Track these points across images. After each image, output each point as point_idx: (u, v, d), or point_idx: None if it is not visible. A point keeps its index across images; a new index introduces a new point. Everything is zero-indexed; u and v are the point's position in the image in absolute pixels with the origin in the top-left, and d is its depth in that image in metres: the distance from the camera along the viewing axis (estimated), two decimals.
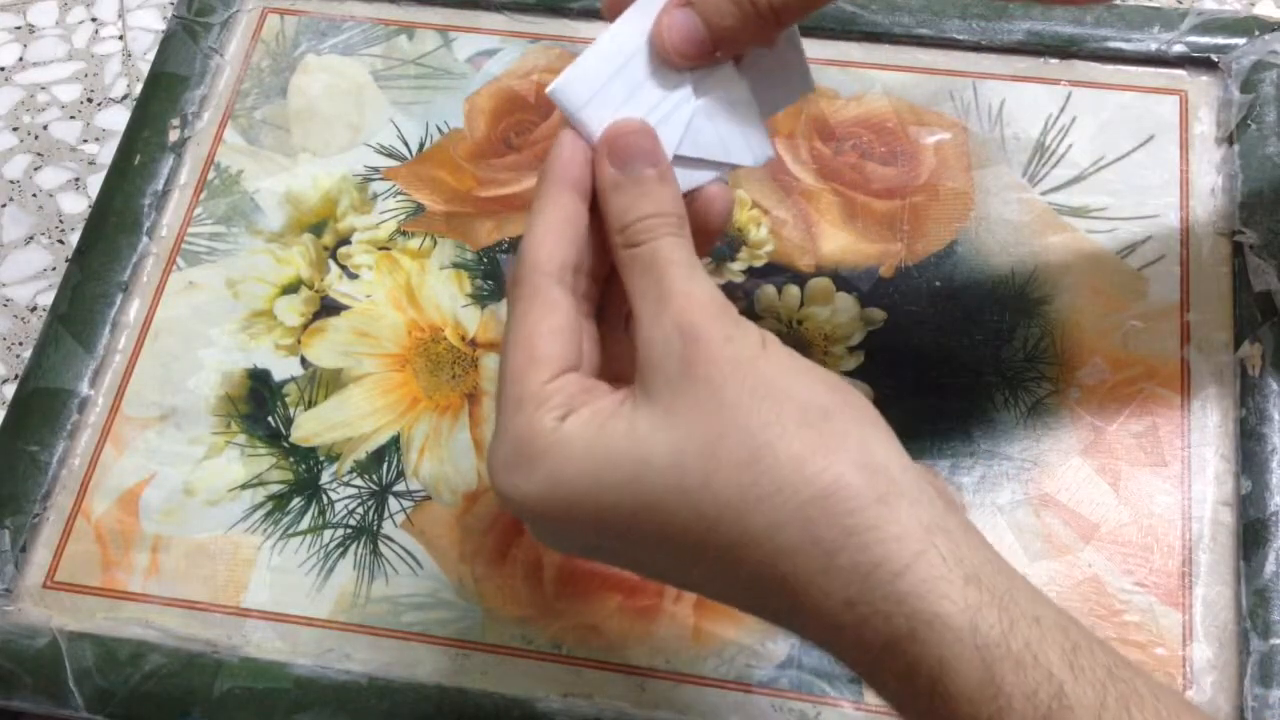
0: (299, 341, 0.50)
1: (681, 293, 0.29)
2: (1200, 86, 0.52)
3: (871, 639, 0.25)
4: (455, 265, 0.51)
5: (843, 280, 0.50)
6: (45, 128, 0.59)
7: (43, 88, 0.60)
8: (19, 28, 0.62)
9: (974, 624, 0.25)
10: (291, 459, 0.48)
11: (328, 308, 0.51)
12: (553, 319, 0.30)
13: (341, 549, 0.46)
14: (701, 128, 0.33)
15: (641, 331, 0.29)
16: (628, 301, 0.31)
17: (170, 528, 0.47)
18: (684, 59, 0.32)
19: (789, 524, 0.26)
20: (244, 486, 0.47)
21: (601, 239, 0.32)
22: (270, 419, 0.49)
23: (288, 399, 0.49)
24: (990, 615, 0.25)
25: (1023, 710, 0.24)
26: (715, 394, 0.27)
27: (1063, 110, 0.52)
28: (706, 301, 0.29)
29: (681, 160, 0.33)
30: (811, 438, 0.26)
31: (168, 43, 0.57)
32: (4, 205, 0.57)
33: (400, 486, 0.47)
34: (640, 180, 0.31)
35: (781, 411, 0.27)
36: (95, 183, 0.56)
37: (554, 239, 0.31)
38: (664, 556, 0.29)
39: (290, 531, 0.46)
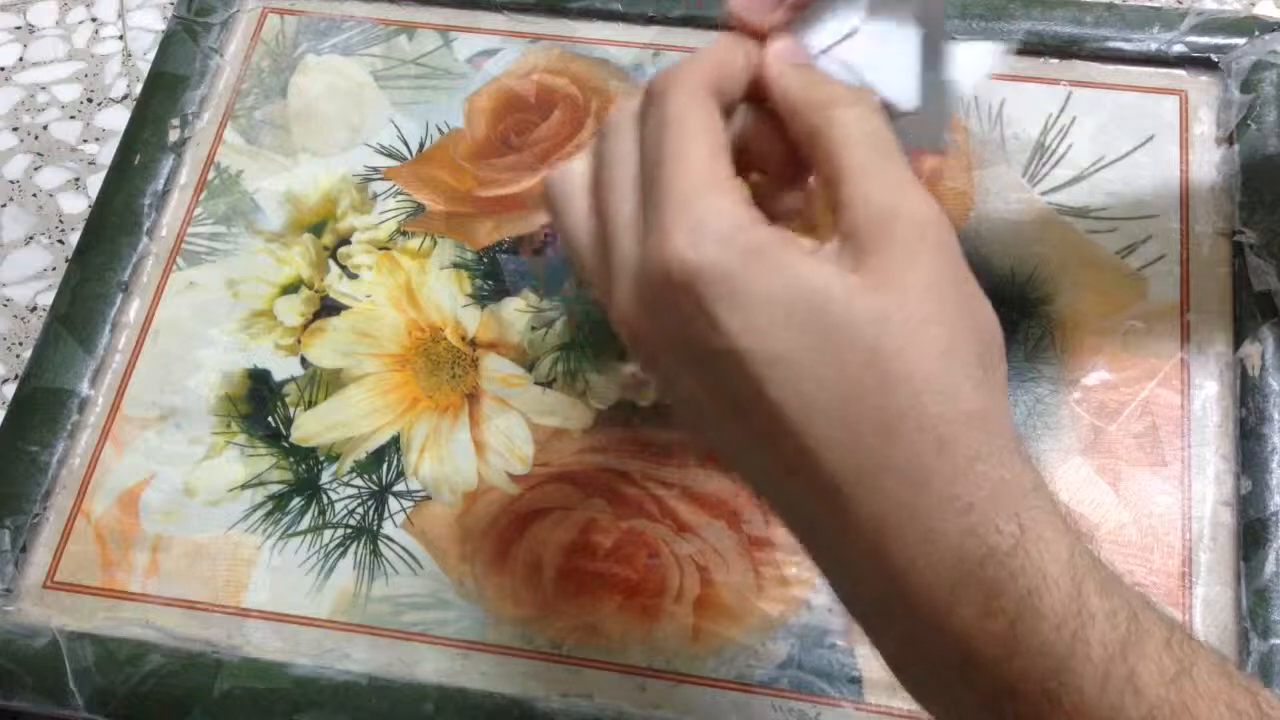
0: (299, 341, 0.50)
1: (910, 181, 0.29)
2: (1200, 86, 0.52)
3: (973, 548, 0.26)
4: (455, 265, 0.51)
5: None
6: (45, 128, 0.59)
7: (43, 88, 0.60)
8: (19, 28, 0.62)
9: (1070, 550, 0.27)
10: (291, 459, 0.48)
11: (328, 308, 0.51)
12: (718, 125, 0.29)
13: (341, 549, 0.46)
14: (862, 43, 0.32)
15: (859, 207, 0.29)
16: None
17: (170, 528, 0.47)
18: (756, 17, 0.32)
19: (953, 421, 0.27)
20: (244, 486, 0.47)
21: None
22: (270, 419, 0.49)
23: (288, 399, 0.49)
24: (1081, 549, 0.27)
25: (1103, 629, 0.26)
26: (934, 290, 0.28)
27: (1063, 110, 0.52)
28: (931, 201, 0.29)
29: (834, 60, 0.32)
30: (984, 369, 0.28)
31: (168, 43, 0.57)
32: (4, 205, 0.57)
33: (400, 486, 0.47)
34: (814, 67, 0.31)
35: (974, 333, 0.29)
36: (95, 183, 0.56)
37: (716, 66, 0.30)
38: (802, 414, 0.27)
39: (290, 531, 0.46)
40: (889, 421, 0.27)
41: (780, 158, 0.32)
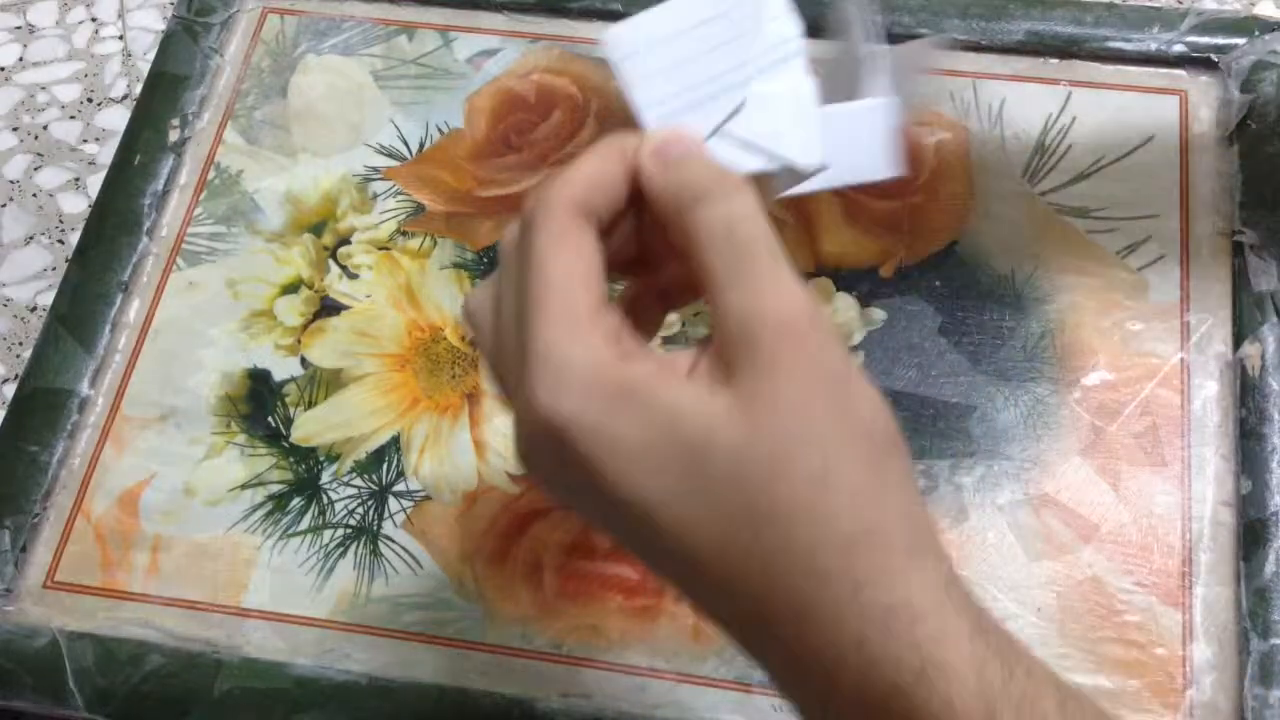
0: (299, 341, 0.50)
1: (774, 283, 0.27)
2: (1200, 86, 0.52)
3: (874, 683, 0.25)
4: (455, 265, 0.51)
5: (843, 280, 0.49)
6: (45, 128, 0.59)
7: (43, 88, 0.60)
8: (19, 28, 0.62)
9: (980, 672, 0.25)
10: (291, 459, 0.48)
11: (328, 308, 0.51)
12: (588, 252, 0.28)
13: (341, 549, 0.46)
14: (753, 114, 0.31)
15: (729, 316, 0.27)
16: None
17: (170, 528, 0.47)
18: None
19: (832, 550, 0.26)
20: (244, 486, 0.47)
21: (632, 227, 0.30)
22: (270, 419, 0.49)
23: (288, 399, 0.49)
24: (993, 665, 0.25)
25: None
26: (803, 403, 0.26)
27: (1063, 110, 0.52)
28: (801, 300, 0.27)
29: (727, 137, 0.31)
30: (873, 476, 0.26)
31: (168, 43, 0.57)
32: (4, 205, 0.57)
33: (400, 486, 0.47)
34: (689, 155, 0.30)
35: (856, 440, 0.27)
36: (95, 183, 0.56)
37: (582, 181, 0.29)
38: (682, 543, 0.27)
39: (290, 531, 0.46)
40: (767, 559, 0.26)
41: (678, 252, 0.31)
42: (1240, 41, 0.52)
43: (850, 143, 0.32)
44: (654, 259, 0.32)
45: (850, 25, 0.32)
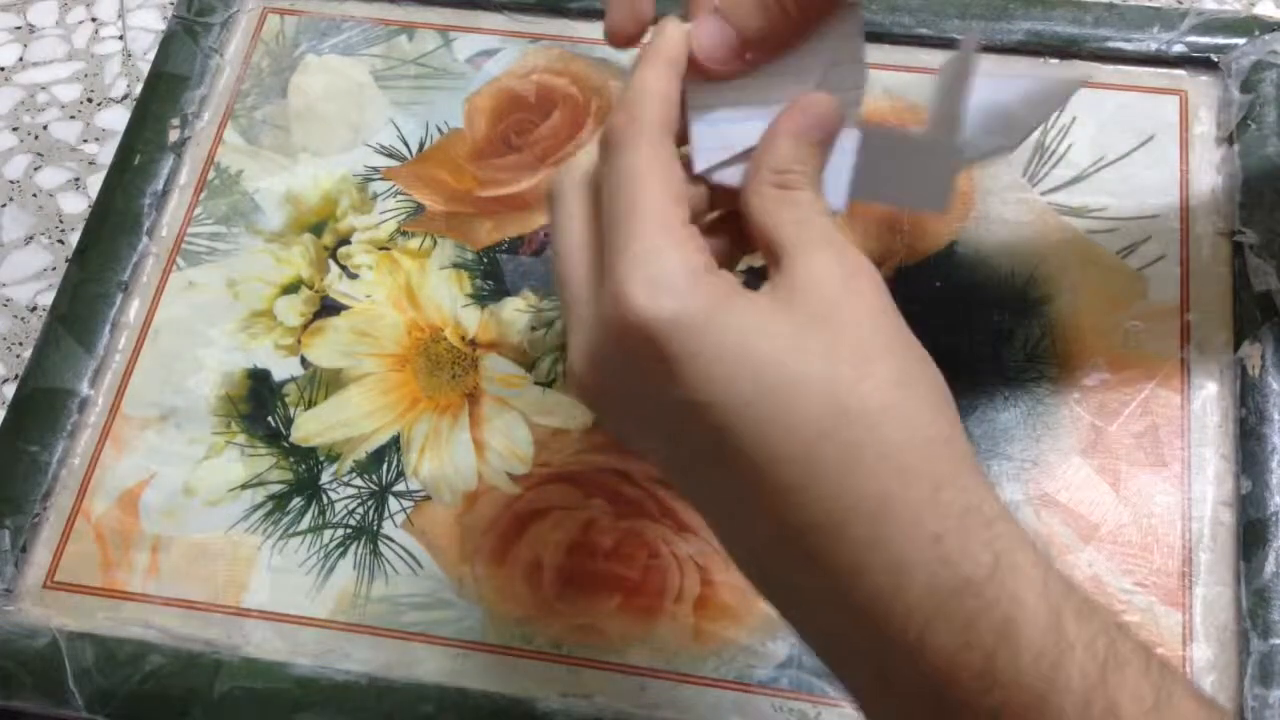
0: (299, 341, 0.50)
1: (840, 241, 0.30)
2: (1200, 86, 0.52)
3: (947, 579, 0.26)
4: (455, 265, 0.51)
5: None
6: (45, 128, 0.59)
7: (43, 88, 0.60)
8: (19, 28, 0.62)
9: (1045, 577, 0.26)
10: (291, 459, 0.48)
11: (328, 308, 0.51)
12: (675, 166, 0.30)
13: (341, 549, 0.46)
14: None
15: (800, 256, 0.29)
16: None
17: (170, 528, 0.47)
18: (717, 63, 0.32)
19: (914, 449, 0.27)
20: (244, 486, 0.47)
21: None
22: (270, 419, 0.49)
23: (288, 399, 0.49)
24: (1055, 576, 0.27)
25: (1083, 658, 0.25)
26: (876, 319, 0.28)
27: (1063, 110, 0.52)
28: (863, 256, 0.30)
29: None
30: (939, 395, 0.29)
31: (168, 43, 0.57)
32: (4, 205, 0.57)
33: (400, 486, 0.47)
34: (806, 135, 0.32)
35: (924, 361, 0.29)
36: (95, 183, 0.56)
37: (658, 102, 0.31)
38: (759, 452, 0.27)
39: (290, 531, 0.46)
40: (850, 456, 0.27)
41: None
42: (1240, 41, 0.52)
43: (905, 167, 0.33)
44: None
45: (962, 65, 0.33)
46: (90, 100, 0.59)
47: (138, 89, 0.58)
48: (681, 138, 0.32)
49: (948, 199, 0.33)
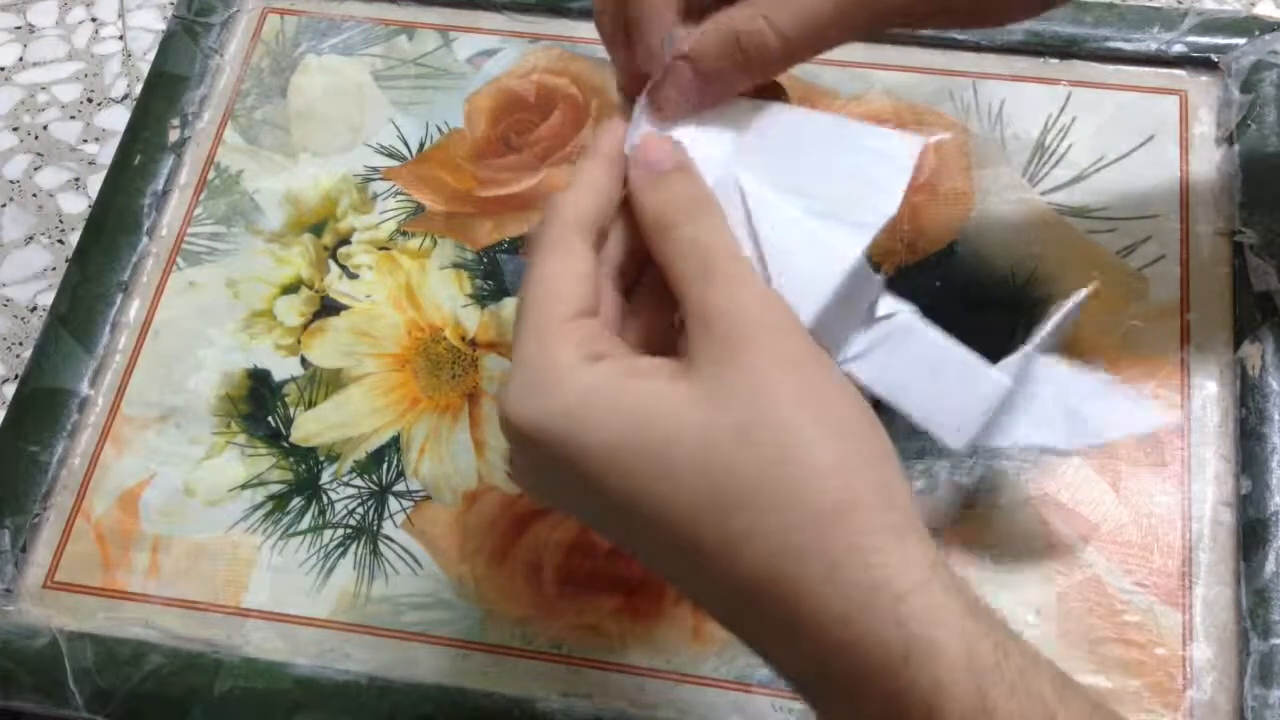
0: (299, 341, 0.50)
1: (730, 275, 0.29)
2: (1200, 86, 0.52)
3: (862, 661, 0.25)
4: (455, 265, 0.51)
5: None
6: (45, 128, 0.59)
7: (43, 88, 0.60)
8: (19, 28, 0.62)
9: (970, 652, 0.25)
10: (291, 459, 0.48)
11: (328, 308, 0.51)
12: (573, 264, 0.30)
13: (341, 549, 0.46)
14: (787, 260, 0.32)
15: (690, 312, 0.29)
16: (665, 297, 0.31)
17: (170, 528, 0.47)
18: (684, 109, 0.32)
19: (803, 528, 0.26)
20: (244, 486, 0.47)
21: (636, 237, 0.32)
22: (270, 419, 0.49)
23: (288, 399, 0.49)
24: (985, 645, 0.25)
25: None
26: (760, 384, 0.27)
27: (1063, 110, 0.52)
28: (757, 288, 0.29)
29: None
30: (842, 454, 0.27)
31: (168, 43, 0.57)
32: (4, 205, 0.57)
33: (400, 486, 0.47)
34: (667, 176, 0.31)
35: (820, 418, 0.27)
36: (95, 183, 0.56)
37: (584, 197, 0.31)
38: (661, 536, 0.27)
39: (290, 531, 0.46)
40: (741, 543, 0.26)
41: None
42: (1240, 41, 0.52)
43: (946, 384, 0.33)
44: None
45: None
46: (90, 100, 0.59)
47: (138, 89, 0.58)
48: None
49: (966, 438, 0.32)
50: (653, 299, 0.32)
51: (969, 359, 0.33)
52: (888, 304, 0.33)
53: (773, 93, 0.34)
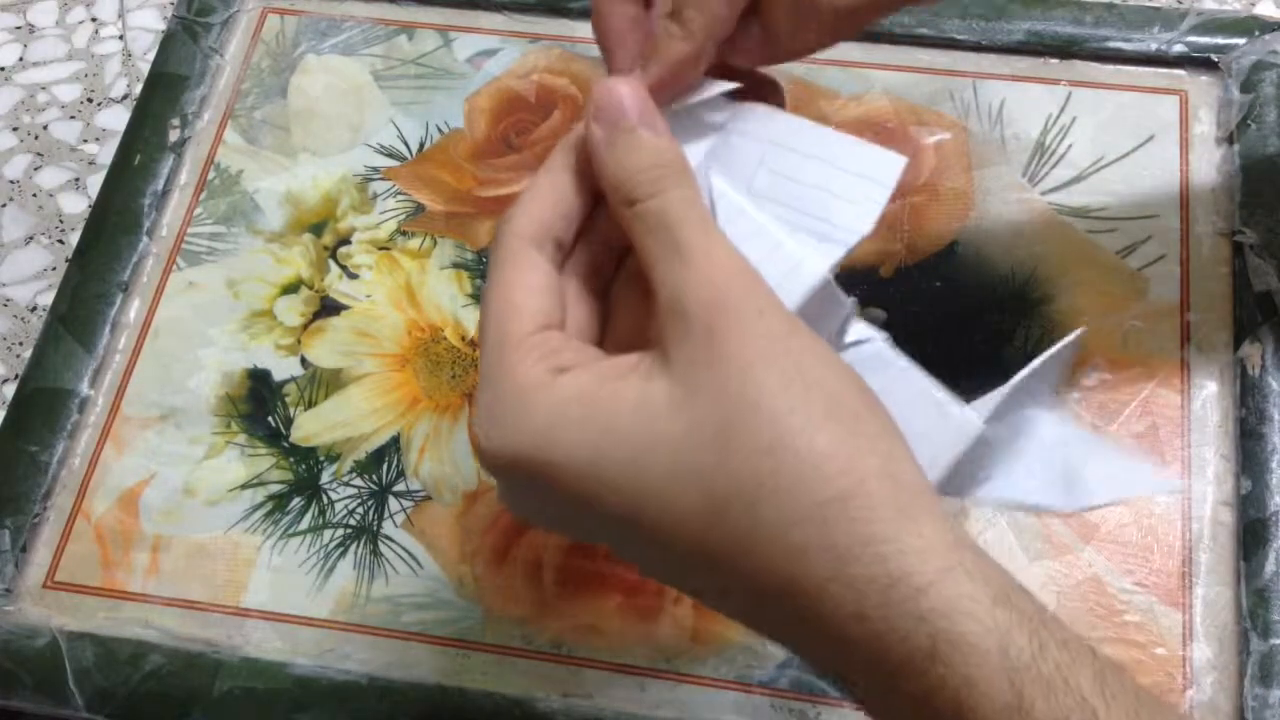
0: (299, 341, 0.50)
1: (703, 253, 0.26)
2: (1200, 86, 0.52)
3: (884, 658, 0.23)
4: (455, 265, 0.51)
5: (842, 280, 0.49)
6: (45, 128, 0.59)
7: (43, 88, 0.60)
8: (19, 28, 0.62)
9: (1003, 646, 0.23)
10: (291, 459, 0.48)
11: (328, 308, 0.51)
12: (529, 277, 0.28)
13: (341, 549, 0.46)
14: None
15: (661, 296, 0.26)
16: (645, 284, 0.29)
17: (170, 528, 0.47)
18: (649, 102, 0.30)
19: (803, 522, 0.24)
20: (244, 486, 0.47)
21: (608, 227, 0.30)
22: (270, 419, 0.49)
23: (288, 399, 0.49)
24: (1020, 637, 0.23)
25: None
26: (741, 372, 0.25)
27: (1063, 110, 0.52)
28: (732, 266, 0.26)
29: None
30: (837, 435, 0.24)
31: (168, 43, 0.57)
32: (4, 205, 0.57)
33: (400, 486, 0.47)
34: (631, 133, 0.28)
35: (809, 400, 0.25)
36: (95, 183, 0.56)
37: (536, 206, 0.29)
38: (657, 546, 0.26)
39: (290, 531, 0.46)
40: (741, 544, 0.24)
41: None
42: (1240, 41, 0.52)
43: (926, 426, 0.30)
44: None
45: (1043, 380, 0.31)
46: (90, 100, 0.59)
47: (138, 89, 0.58)
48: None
49: (934, 478, 0.30)
50: (633, 288, 0.30)
51: (940, 395, 0.30)
52: (858, 330, 0.31)
53: (769, 89, 0.33)
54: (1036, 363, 0.31)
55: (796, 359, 0.25)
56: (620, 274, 0.30)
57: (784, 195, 0.30)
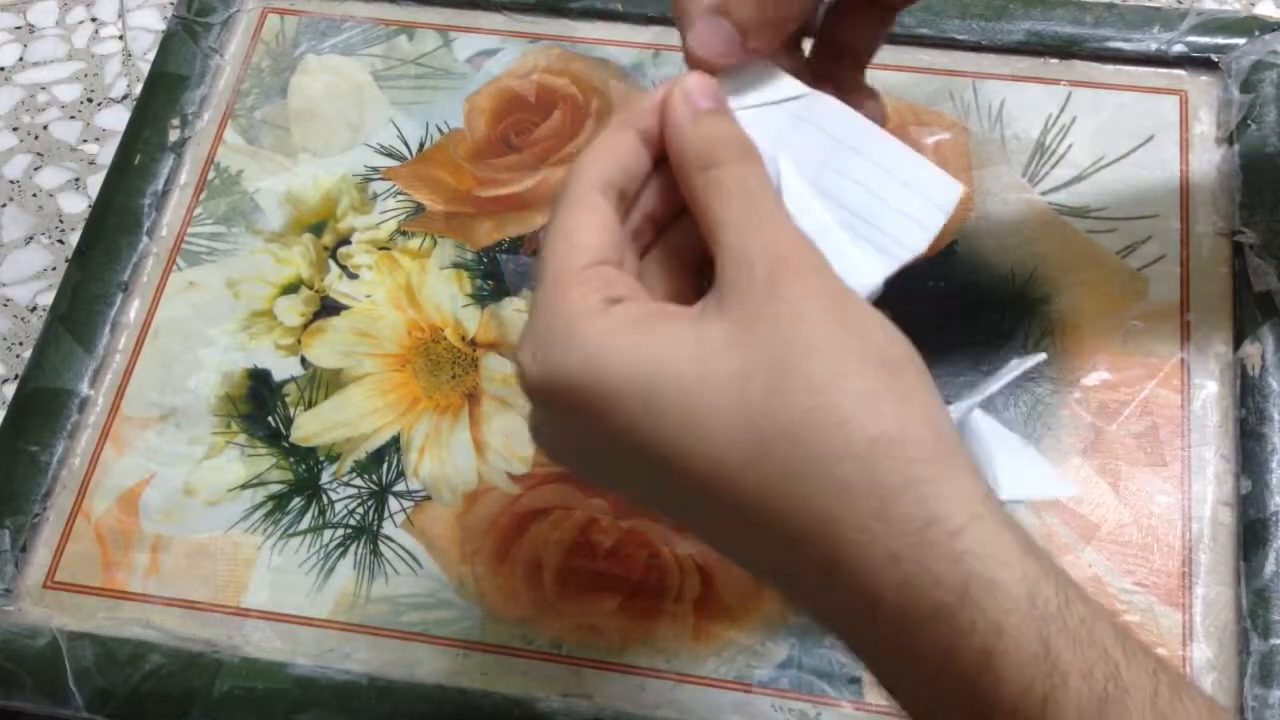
0: (299, 341, 0.50)
1: (772, 220, 0.28)
2: (1200, 86, 0.52)
3: (914, 603, 0.23)
4: (455, 265, 0.51)
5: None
6: (45, 128, 0.59)
7: (43, 88, 0.60)
8: (19, 28, 0.62)
9: (1032, 594, 0.23)
10: (291, 459, 0.48)
11: (328, 308, 0.51)
12: (593, 218, 0.29)
13: (341, 549, 0.46)
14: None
15: (725, 253, 0.27)
16: (677, 263, 0.30)
17: (170, 528, 0.47)
18: (721, 58, 0.31)
19: (849, 459, 0.24)
20: (244, 486, 0.47)
21: (667, 184, 0.31)
22: (270, 419, 0.49)
23: (288, 399, 0.49)
24: (1047, 588, 0.24)
25: (1078, 689, 0.23)
26: (798, 316, 0.26)
27: (1063, 110, 0.52)
28: (795, 232, 0.28)
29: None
30: (885, 381, 0.25)
31: (168, 43, 0.57)
32: (4, 205, 0.57)
33: (400, 486, 0.47)
34: (715, 112, 0.30)
35: (862, 348, 0.26)
36: (95, 183, 0.56)
37: (606, 157, 0.30)
38: (696, 484, 0.26)
39: (290, 531, 0.46)
40: (784, 479, 0.25)
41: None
42: (1240, 41, 0.52)
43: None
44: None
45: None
46: (90, 100, 0.59)
47: (138, 89, 0.58)
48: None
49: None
50: (667, 264, 0.31)
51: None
52: None
53: (867, 97, 0.33)
54: (1000, 383, 0.32)
55: (849, 311, 0.26)
56: (655, 250, 0.31)
57: (848, 197, 0.31)
